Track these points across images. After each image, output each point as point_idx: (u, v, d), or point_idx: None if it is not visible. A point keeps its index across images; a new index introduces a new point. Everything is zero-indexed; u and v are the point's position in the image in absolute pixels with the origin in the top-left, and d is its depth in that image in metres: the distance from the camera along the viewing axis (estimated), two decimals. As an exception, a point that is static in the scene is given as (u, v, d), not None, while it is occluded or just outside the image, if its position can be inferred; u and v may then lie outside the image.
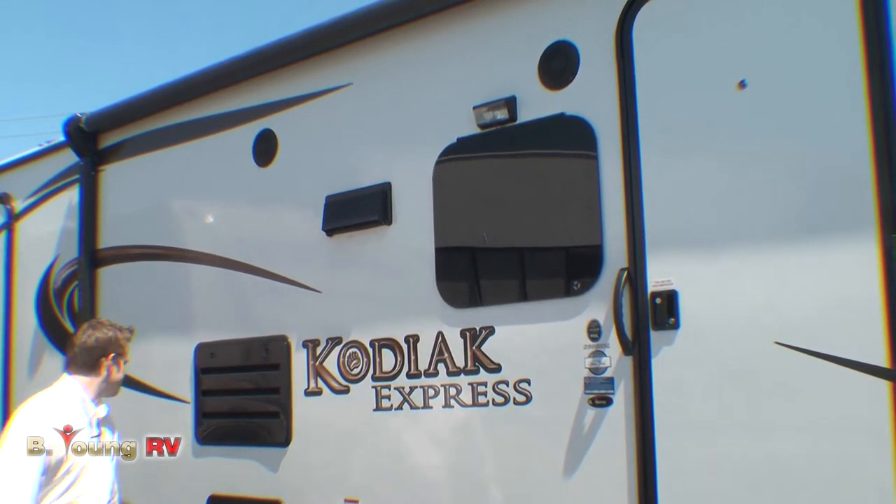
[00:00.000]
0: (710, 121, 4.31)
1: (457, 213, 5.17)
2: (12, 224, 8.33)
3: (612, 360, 4.49)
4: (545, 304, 4.78)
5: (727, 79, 4.26)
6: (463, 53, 5.29)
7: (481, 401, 4.95)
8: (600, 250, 4.58)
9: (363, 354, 5.49)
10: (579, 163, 4.71)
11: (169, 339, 6.70)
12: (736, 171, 4.22)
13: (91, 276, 7.34)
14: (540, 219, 4.85)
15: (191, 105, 6.73)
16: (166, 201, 6.89)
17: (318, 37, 5.85)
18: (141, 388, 6.87)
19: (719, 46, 4.33)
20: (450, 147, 5.20)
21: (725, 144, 4.26)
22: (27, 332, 8.06)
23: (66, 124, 7.41)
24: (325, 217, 5.70)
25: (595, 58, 4.72)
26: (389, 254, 5.46)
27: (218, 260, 6.41)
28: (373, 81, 5.69)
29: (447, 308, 5.14)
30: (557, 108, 4.83)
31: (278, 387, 5.92)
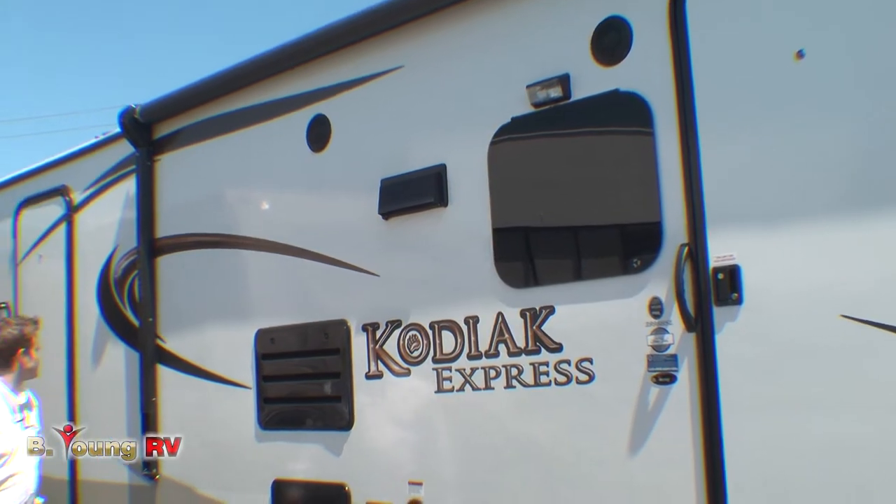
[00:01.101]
0: (768, 92, 4.24)
1: (513, 193, 5.14)
2: (71, 216, 8.42)
3: (674, 337, 4.45)
4: (605, 282, 4.75)
5: (785, 49, 4.19)
6: (515, 32, 5.25)
7: (543, 381, 4.93)
8: (659, 227, 4.53)
9: (423, 337, 5.49)
10: (635, 139, 4.67)
11: (229, 326, 6.75)
12: (796, 143, 4.14)
13: (150, 265, 7.41)
14: (597, 196, 4.81)
15: (243, 93, 6.75)
16: (222, 189, 6.92)
17: (368, 20, 5.83)
18: (203, 375, 6.94)
19: (776, 15, 4.26)
20: (504, 127, 5.17)
21: (785, 116, 4.19)
22: (89, 322, 8.15)
23: (121, 116, 7.48)
24: (380, 200, 5.70)
25: (648, 32, 4.66)
26: (446, 235, 5.44)
27: (275, 246, 6.44)
28: (424, 63, 5.67)
29: (506, 288, 5.12)
30: (611, 84, 4.78)
31: (339, 371, 5.94)
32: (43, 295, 8.71)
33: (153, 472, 7.26)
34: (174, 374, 7.20)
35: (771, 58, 4.23)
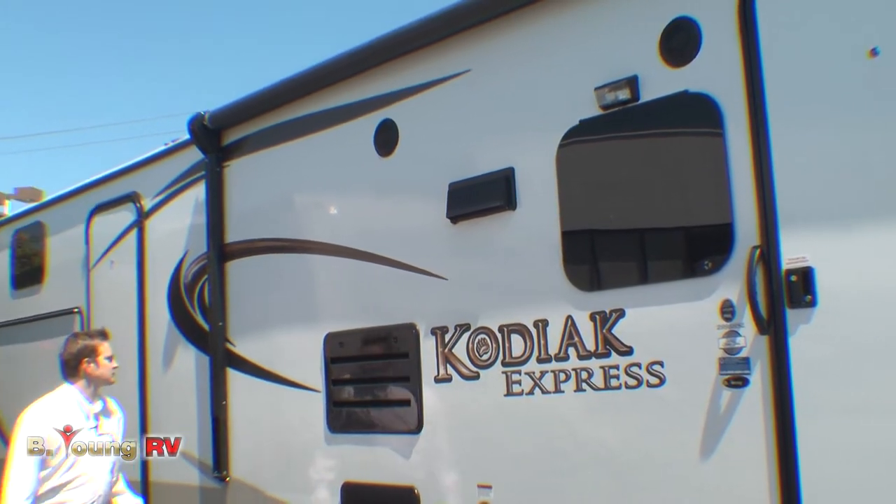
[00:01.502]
0: (841, 91, 4.19)
1: (582, 196, 5.13)
2: (142, 222, 8.54)
3: (747, 340, 4.41)
4: (676, 284, 4.72)
5: (857, 47, 4.13)
6: (582, 34, 5.24)
7: (613, 384, 4.91)
8: (731, 229, 4.49)
9: (492, 340, 5.49)
10: (705, 140, 4.63)
11: (298, 330, 6.80)
12: (870, 143, 4.09)
13: (220, 270, 7.49)
14: (667, 198, 4.79)
15: (311, 98, 6.81)
16: (290, 194, 6.98)
17: (435, 25, 5.86)
18: (272, 378, 7.00)
19: (848, 13, 4.21)
20: (572, 129, 5.16)
21: (858, 115, 4.13)
22: (160, 326, 8.25)
23: (190, 123, 7.57)
24: (448, 204, 5.72)
25: (717, 32, 4.62)
26: (515, 239, 5.44)
27: (343, 250, 6.47)
28: (491, 67, 5.67)
29: (575, 291, 5.11)
30: (680, 85, 4.75)
31: (408, 374, 5.96)
32: (114, 300, 8.84)
33: (223, 473, 7.34)
34: (244, 377, 7.27)
35: (843, 56, 4.18)
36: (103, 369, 6.23)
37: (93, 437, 6.13)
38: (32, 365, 9.83)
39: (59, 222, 10.09)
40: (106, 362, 6.25)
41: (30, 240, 10.73)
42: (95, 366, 6.22)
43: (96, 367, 6.22)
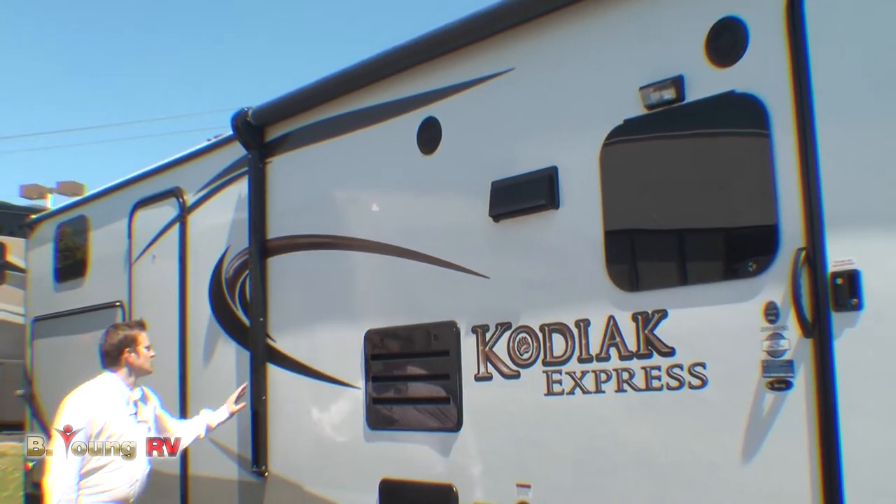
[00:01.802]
0: (889, 91, 4.15)
1: (626, 196, 5.11)
2: (184, 217, 8.60)
3: (790, 343, 4.38)
4: (719, 285, 4.69)
5: (908, 49, 4.11)
6: (627, 33, 5.22)
7: (655, 385, 4.89)
8: (775, 230, 4.46)
9: (533, 339, 5.48)
10: (751, 141, 4.61)
11: (338, 326, 6.82)
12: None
13: (261, 265, 7.52)
14: (712, 199, 4.76)
15: (354, 95, 6.83)
16: (332, 191, 7.00)
17: (479, 23, 5.85)
18: (312, 374, 7.02)
19: (897, 16, 4.18)
20: (616, 129, 5.14)
21: (906, 116, 4.11)
22: (201, 321, 8.31)
23: (233, 119, 7.61)
24: (491, 202, 5.71)
25: (765, 32, 4.59)
26: (557, 238, 5.43)
27: (384, 248, 6.49)
28: (535, 65, 5.66)
29: (617, 292, 5.09)
30: (727, 85, 4.72)
31: (448, 372, 5.96)
32: (156, 294, 8.91)
33: (262, 468, 7.38)
34: (284, 372, 7.30)
35: (892, 56, 4.14)
36: (143, 359, 6.44)
37: (132, 423, 6.33)
38: (74, 358, 9.92)
39: (102, 216, 10.17)
40: (145, 352, 6.46)
41: (73, 233, 10.83)
42: (136, 355, 6.41)
43: (137, 357, 6.42)
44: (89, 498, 6.10)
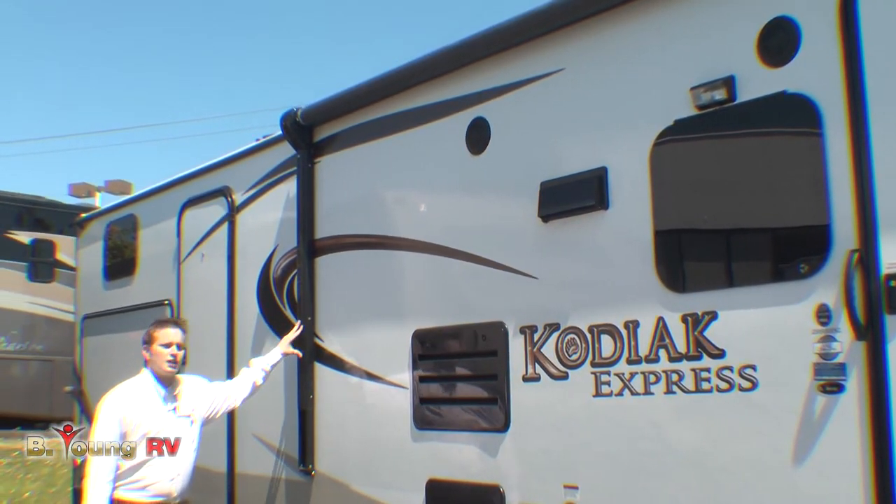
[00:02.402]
0: (945, 91, 4.12)
1: (675, 196, 5.09)
2: (233, 216, 8.65)
3: (843, 346, 4.33)
4: (770, 287, 4.65)
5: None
6: (678, 34, 5.20)
7: (704, 387, 4.86)
8: (828, 231, 4.41)
9: (581, 340, 5.47)
10: (803, 141, 4.57)
11: (386, 326, 6.84)
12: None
13: (309, 265, 7.55)
14: (763, 200, 4.72)
15: (404, 96, 6.84)
16: (381, 191, 7.02)
17: (529, 23, 5.85)
18: (359, 374, 7.05)
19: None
20: (667, 129, 5.12)
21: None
22: (249, 319, 8.36)
23: (282, 119, 7.65)
24: (540, 203, 5.70)
25: (817, 32, 4.55)
26: (606, 238, 5.41)
27: (432, 248, 6.49)
28: (586, 66, 5.65)
29: (667, 293, 5.06)
30: (778, 86, 4.67)
31: (495, 373, 5.96)
32: (204, 293, 8.97)
33: (309, 467, 7.41)
34: (331, 372, 7.33)
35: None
36: (156, 357, 6.44)
37: (171, 418, 6.42)
38: (122, 355, 9.99)
39: (151, 215, 10.26)
40: (161, 350, 6.43)
41: (122, 232, 10.94)
42: (150, 353, 6.46)
43: (151, 355, 6.46)
44: (131, 493, 6.23)
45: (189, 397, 6.59)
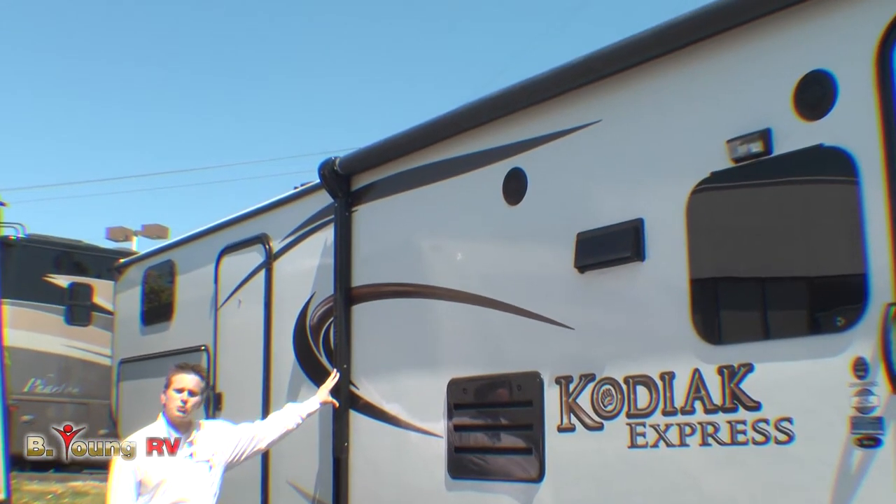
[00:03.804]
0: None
1: (712, 248, 5.11)
2: (270, 263, 8.73)
3: (880, 400, 4.31)
4: (807, 340, 4.65)
5: None
6: (714, 86, 5.24)
7: (740, 439, 4.84)
8: (865, 285, 4.41)
9: (616, 391, 5.47)
10: (840, 195, 4.59)
11: (421, 375, 6.86)
12: None
13: (346, 312, 7.60)
14: (800, 253, 4.74)
15: (440, 146, 6.92)
16: (417, 240, 7.07)
17: (566, 75, 5.91)
18: (395, 422, 7.06)
19: None
20: (703, 181, 5.14)
21: None
22: (285, 366, 8.40)
23: (321, 167, 7.74)
24: (577, 254, 5.73)
25: (853, 86, 4.57)
26: (642, 290, 5.43)
27: (468, 297, 6.52)
28: (623, 117, 5.70)
29: (703, 344, 5.07)
30: (815, 139, 4.70)
31: (531, 423, 5.96)
32: (241, 339, 9.03)
33: (344, 515, 7.41)
34: (366, 420, 7.35)
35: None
36: (169, 401, 6.33)
37: (188, 464, 6.29)
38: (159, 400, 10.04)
39: (189, 261, 10.37)
40: (174, 394, 6.31)
41: (160, 277, 11.04)
42: (165, 397, 6.36)
43: (165, 399, 6.36)
44: None
45: (207, 441, 6.45)
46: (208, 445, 6.44)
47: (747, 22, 5.04)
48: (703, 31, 5.23)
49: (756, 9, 4.99)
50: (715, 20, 5.17)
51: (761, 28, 5.00)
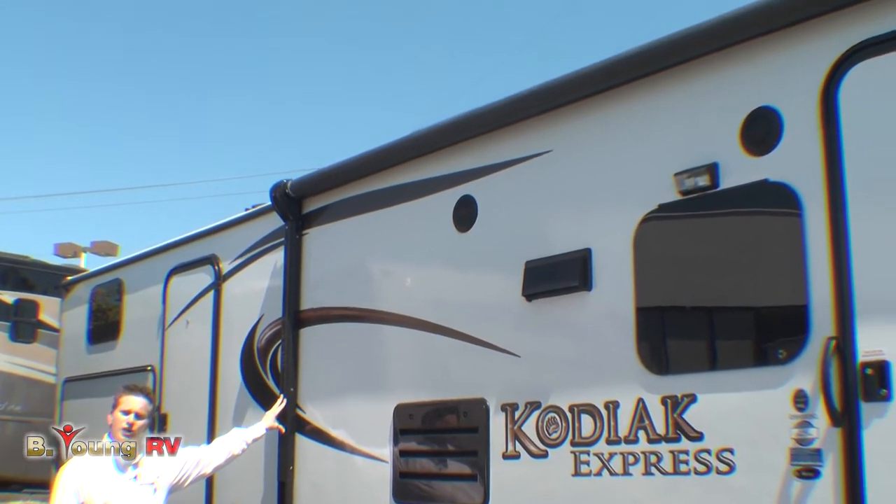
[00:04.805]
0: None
1: (658, 280, 5.17)
2: (219, 284, 8.69)
3: (819, 432, 4.38)
4: (749, 372, 4.72)
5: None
6: (664, 120, 5.31)
7: (682, 469, 4.89)
8: (806, 319, 4.48)
9: (562, 419, 5.50)
10: (784, 229, 4.66)
11: (368, 399, 6.86)
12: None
13: (294, 335, 7.58)
14: (744, 286, 4.81)
15: (392, 171, 6.94)
16: (367, 264, 7.08)
17: (519, 104, 5.97)
18: (340, 447, 7.04)
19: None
20: (651, 213, 5.20)
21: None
22: (232, 388, 8.36)
23: (272, 190, 7.73)
24: (524, 282, 5.77)
25: (799, 123, 4.65)
26: (589, 319, 5.47)
27: (417, 322, 6.54)
28: (573, 148, 5.75)
29: (647, 374, 5.12)
30: (760, 174, 4.77)
31: (476, 449, 5.97)
32: (188, 360, 8.98)
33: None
34: (313, 444, 7.32)
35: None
36: (115, 422, 6.18)
37: (132, 487, 6.16)
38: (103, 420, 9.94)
39: (138, 280, 10.29)
40: (120, 416, 6.17)
41: (107, 295, 10.94)
42: (112, 418, 6.21)
43: (111, 420, 6.21)
44: None
45: (153, 465, 6.33)
46: (153, 468, 6.36)
47: (697, 57, 5.12)
48: (655, 65, 5.31)
49: (706, 45, 5.07)
50: (666, 55, 5.25)
51: (711, 64, 5.08)
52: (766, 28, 4.82)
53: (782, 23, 4.75)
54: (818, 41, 4.62)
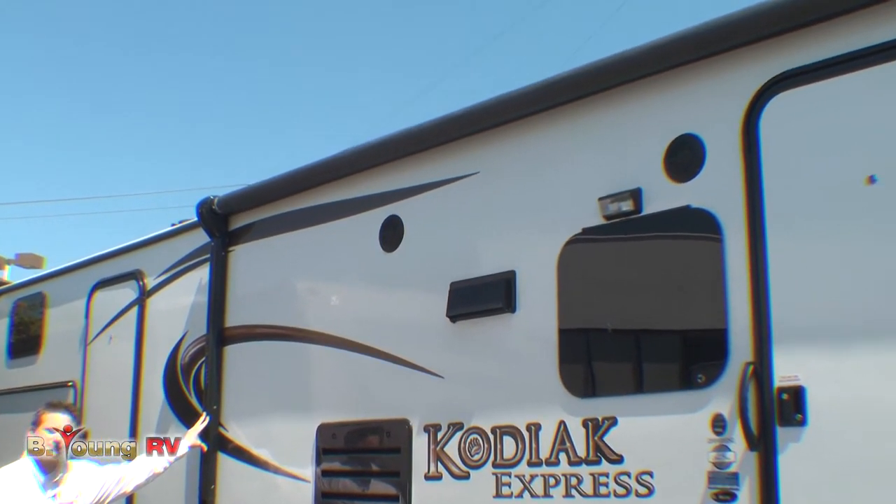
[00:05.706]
0: (838, 214, 4.26)
1: (581, 303, 5.20)
2: (144, 299, 8.59)
3: (736, 456, 4.43)
4: (668, 395, 4.76)
5: (856, 173, 4.21)
6: (589, 145, 5.35)
7: (602, 491, 4.92)
8: (725, 344, 4.54)
9: (484, 441, 5.51)
10: (705, 255, 4.71)
11: (291, 419, 6.81)
12: (865, 266, 4.16)
13: (218, 353, 7.51)
14: (665, 310, 4.85)
15: (319, 190, 6.92)
16: (293, 283, 7.05)
17: (446, 126, 5.99)
18: (263, 466, 6.99)
19: (849, 140, 4.30)
20: (575, 236, 5.24)
21: (854, 239, 4.20)
22: (154, 405, 8.25)
23: (199, 206, 7.67)
24: (449, 303, 5.78)
25: (721, 150, 4.72)
26: (512, 341, 5.49)
27: (341, 342, 6.52)
28: (499, 170, 5.77)
29: (569, 397, 5.14)
30: (683, 200, 4.83)
31: (398, 470, 5.96)
32: (110, 376, 8.85)
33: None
34: (235, 463, 7.25)
35: (842, 181, 4.26)
36: (32, 443, 6.10)
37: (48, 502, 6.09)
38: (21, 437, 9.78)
39: (61, 294, 10.12)
40: (46, 434, 6.10)
41: (30, 309, 10.76)
42: (33, 435, 6.13)
43: (33, 437, 6.12)
44: None
45: (74, 483, 6.28)
46: (73, 487, 6.28)
47: (623, 84, 5.17)
48: (581, 90, 5.34)
49: (632, 72, 5.12)
50: (592, 81, 5.29)
51: (636, 91, 5.14)
52: (690, 57, 4.88)
53: (706, 52, 4.82)
54: (741, 71, 4.69)
